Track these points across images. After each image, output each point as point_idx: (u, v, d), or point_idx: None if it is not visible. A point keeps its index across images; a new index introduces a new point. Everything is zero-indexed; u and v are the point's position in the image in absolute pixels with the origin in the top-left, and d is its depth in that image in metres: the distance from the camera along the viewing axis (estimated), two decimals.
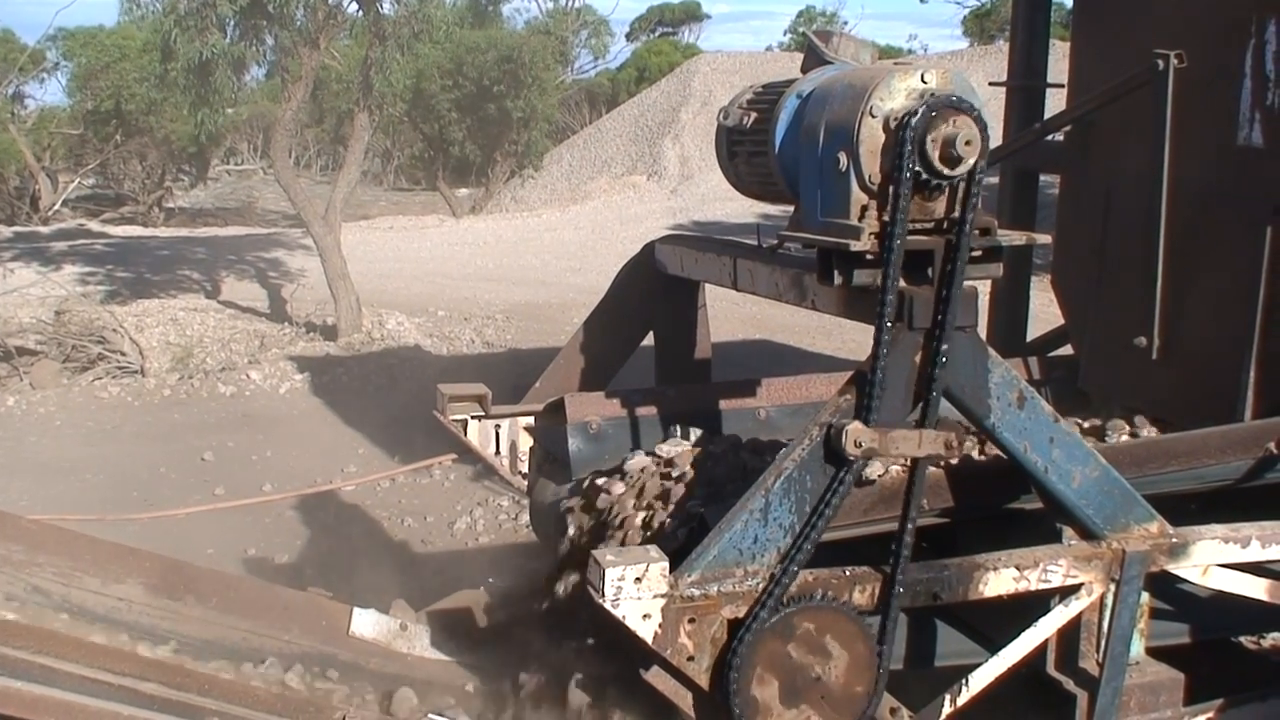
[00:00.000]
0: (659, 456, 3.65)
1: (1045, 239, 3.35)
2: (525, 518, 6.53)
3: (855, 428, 2.72)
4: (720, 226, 19.79)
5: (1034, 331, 6.04)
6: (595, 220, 23.50)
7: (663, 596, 2.72)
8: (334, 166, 31.09)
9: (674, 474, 3.50)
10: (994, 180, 4.94)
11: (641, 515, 3.40)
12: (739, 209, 20.32)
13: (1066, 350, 5.31)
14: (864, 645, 2.88)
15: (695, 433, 3.87)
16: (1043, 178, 6.10)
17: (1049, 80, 5.96)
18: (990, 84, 6.46)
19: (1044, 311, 6.27)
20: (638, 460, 3.67)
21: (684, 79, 30.55)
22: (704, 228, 20.02)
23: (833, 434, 2.74)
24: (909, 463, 2.88)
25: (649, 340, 4.42)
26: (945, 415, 2.85)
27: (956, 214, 2.76)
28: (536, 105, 25.66)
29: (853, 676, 2.88)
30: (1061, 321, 5.41)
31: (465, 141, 26.86)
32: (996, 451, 3.08)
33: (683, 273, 4.07)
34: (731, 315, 12.16)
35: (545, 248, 20.23)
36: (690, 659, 2.80)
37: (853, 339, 11.16)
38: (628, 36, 46.45)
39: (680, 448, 3.66)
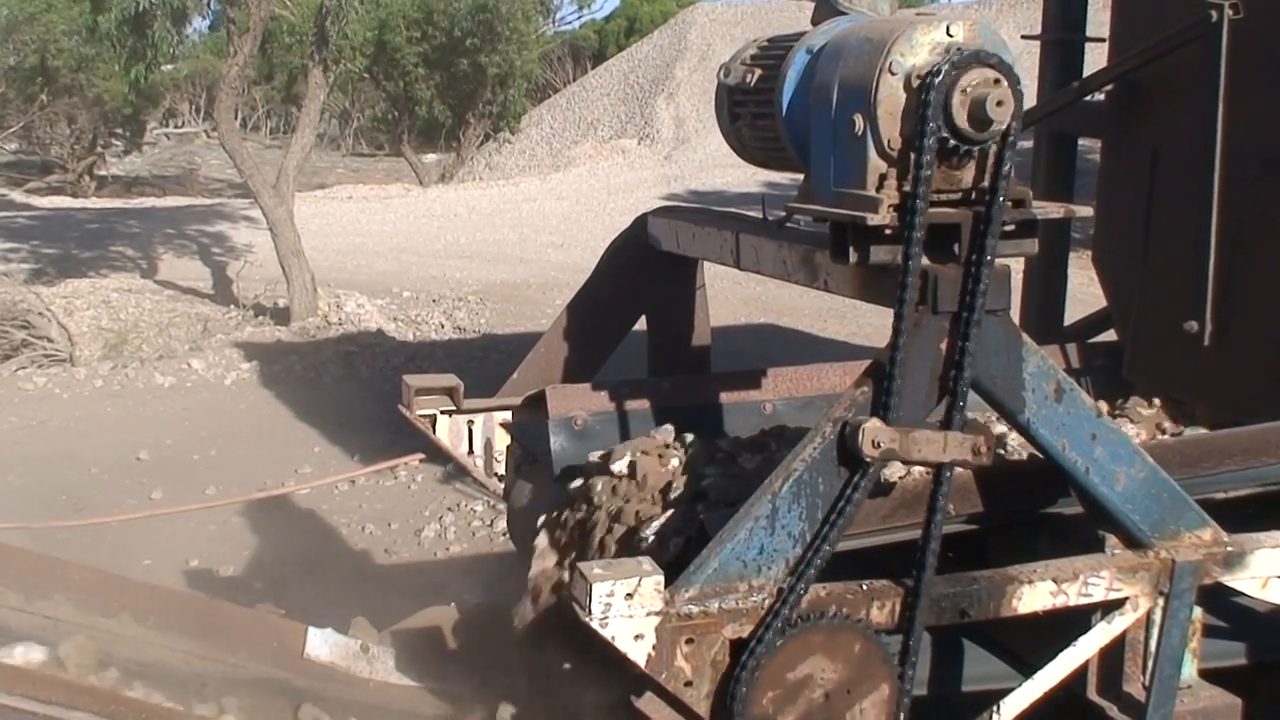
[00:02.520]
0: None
1: (1085, 211, 3.36)
2: (502, 524, 6.54)
3: (873, 426, 2.70)
4: (720, 197, 19.82)
5: (1072, 315, 6.04)
6: (580, 190, 23.52)
7: (657, 614, 2.70)
8: (286, 129, 31.08)
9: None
10: (1028, 145, 4.94)
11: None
12: (741, 177, 20.37)
13: (1109, 335, 5.31)
14: (883, 668, 2.88)
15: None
16: (1082, 142, 6.09)
17: (1088, 33, 5.95)
18: (1023, 37, 6.45)
19: (1083, 292, 6.29)
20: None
21: (679, 31, 30.59)
22: (702, 198, 20.07)
23: (848, 432, 2.73)
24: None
25: (640, 325, 4.41)
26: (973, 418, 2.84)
27: (986, 183, 2.74)
28: (514, 61, 25.68)
29: (871, 704, 2.87)
30: (1103, 303, 5.41)
31: (434, 101, 26.87)
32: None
33: (678, 249, 4.05)
34: (733, 296, 12.20)
35: (524, 220, 20.25)
36: (688, 684, 2.78)
37: (869, 323, 11.20)
38: None
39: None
